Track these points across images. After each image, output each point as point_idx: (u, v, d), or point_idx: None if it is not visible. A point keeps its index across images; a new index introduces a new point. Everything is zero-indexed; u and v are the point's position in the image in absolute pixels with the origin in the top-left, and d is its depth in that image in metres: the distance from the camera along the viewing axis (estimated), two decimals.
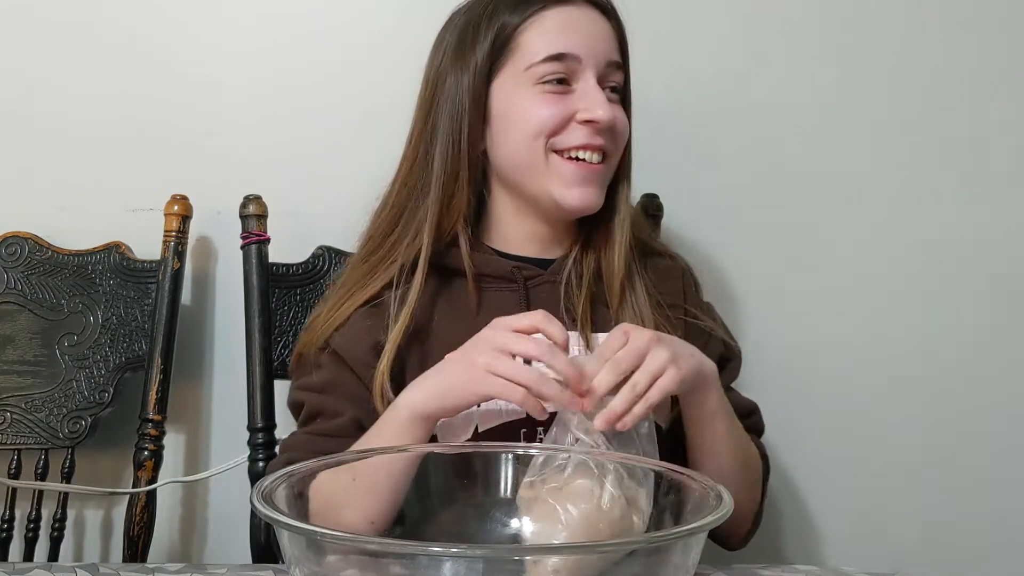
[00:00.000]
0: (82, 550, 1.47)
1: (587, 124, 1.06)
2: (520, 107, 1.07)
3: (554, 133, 1.06)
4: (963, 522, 1.51)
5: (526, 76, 1.07)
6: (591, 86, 1.06)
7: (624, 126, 1.11)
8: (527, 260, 1.12)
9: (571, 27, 1.07)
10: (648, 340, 0.89)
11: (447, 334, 1.04)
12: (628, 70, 1.13)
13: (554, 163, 1.07)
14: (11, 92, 1.46)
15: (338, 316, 1.08)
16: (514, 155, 1.08)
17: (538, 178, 1.08)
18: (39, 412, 1.36)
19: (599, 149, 1.07)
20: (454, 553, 0.58)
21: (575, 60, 1.06)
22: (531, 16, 1.07)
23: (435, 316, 1.08)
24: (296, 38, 1.47)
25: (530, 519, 0.80)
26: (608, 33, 1.10)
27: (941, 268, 1.51)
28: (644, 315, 1.08)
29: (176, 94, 1.46)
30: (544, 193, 1.08)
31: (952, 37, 1.51)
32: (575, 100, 1.06)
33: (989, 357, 1.52)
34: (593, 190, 1.08)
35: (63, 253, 1.40)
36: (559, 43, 1.06)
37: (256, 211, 1.38)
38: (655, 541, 0.62)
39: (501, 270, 1.10)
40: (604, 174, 1.10)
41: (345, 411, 1.05)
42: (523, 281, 1.09)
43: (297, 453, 1.02)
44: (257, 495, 0.66)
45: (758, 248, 1.50)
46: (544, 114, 1.06)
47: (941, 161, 1.51)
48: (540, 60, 1.06)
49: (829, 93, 1.50)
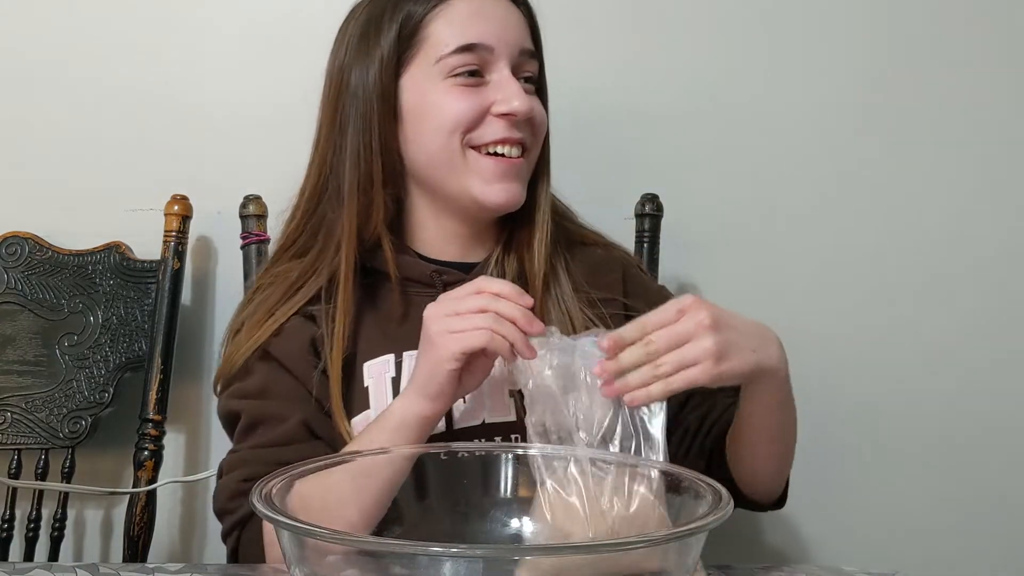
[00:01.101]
0: (82, 550, 1.47)
1: (504, 117, 1.01)
2: (433, 102, 1.01)
3: (470, 128, 1.01)
4: (963, 522, 1.51)
5: (436, 69, 1.01)
6: (506, 77, 1.01)
7: (542, 117, 1.06)
8: (449, 264, 1.07)
9: (481, 15, 1.02)
10: (697, 325, 0.83)
11: (374, 340, 1.02)
12: (542, 59, 1.09)
13: (472, 159, 1.02)
14: (11, 92, 1.46)
15: (271, 325, 1.02)
16: (429, 153, 1.03)
17: (456, 176, 1.03)
18: (39, 412, 1.36)
19: (518, 143, 1.02)
20: (454, 553, 0.58)
21: (487, 50, 1.01)
22: (438, 5, 1.02)
23: (363, 323, 1.03)
24: (296, 38, 1.47)
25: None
26: (519, 21, 1.05)
27: (946, 268, 1.51)
28: (572, 314, 1.04)
29: (176, 94, 1.46)
30: (463, 192, 1.03)
31: (952, 37, 1.51)
32: (490, 92, 1.01)
33: (990, 357, 1.52)
34: (515, 185, 1.03)
35: (63, 253, 1.40)
36: (469, 33, 1.01)
37: (256, 211, 1.38)
38: (654, 541, 0.62)
39: (422, 275, 1.05)
40: (524, 168, 1.05)
41: (289, 415, 0.99)
42: (442, 287, 1.02)
43: (253, 468, 0.96)
44: (257, 495, 0.66)
45: (758, 248, 1.50)
46: (459, 108, 1.00)
47: (942, 160, 1.51)
48: (450, 51, 1.00)
49: (829, 93, 1.50)
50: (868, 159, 1.51)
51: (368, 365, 1.01)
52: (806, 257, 1.51)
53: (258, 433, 1.00)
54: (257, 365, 1.02)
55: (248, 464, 0.98)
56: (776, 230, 1.51)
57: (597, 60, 1.46)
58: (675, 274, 1.46)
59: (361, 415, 1.00)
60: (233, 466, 0.99)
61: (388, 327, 1.02)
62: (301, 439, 0.98)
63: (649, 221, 1.42)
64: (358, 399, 1.00)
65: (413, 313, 1.01)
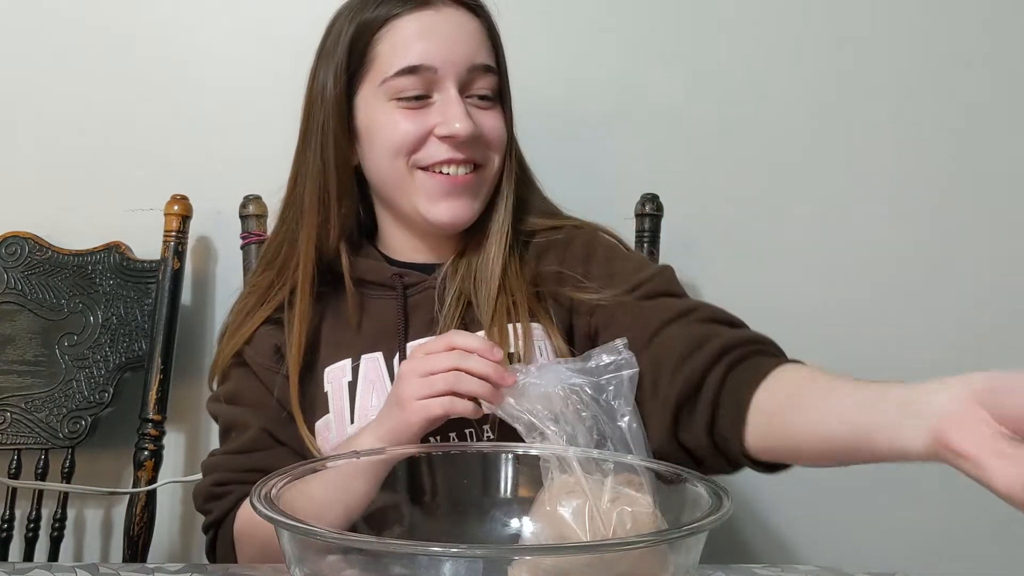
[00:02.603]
0: (82, 550, 1.47)
1: (447, 139, 1.01)
2: (379, 124, 1.03)
3: (414, 150, 1.02)
4: (963, 522, 1.51)
5: (382, 91, 1.02)
6: (450, 97, 1.01)
7: (497, 132, 1.05)
8: (414, 266, 1.09)
9: (426, 35, 1.01)
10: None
11: (332, 345, 1.05)
12: (503, 68, 1.07)
13: (419, 179, 1.03)
14: (11, 92, 1.46)
15: (245, 332, 1.07)
16: (380, 172, 1.05)
17: (406, 195, 1.04)
18: (39, 412, 1.36)
19: (464, 162, 1.03)
20: (454, 553, 0.58)
21: (431, 71, 1.00)
22: (384, 25, 1.02)
23: (322, 327, 1.06)
24: (296, 38, 1.46)
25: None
26: (473, 33, 1.04)
27: (948, 268, 1.51)
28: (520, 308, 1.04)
29: (176, 94, 1.46)
30: (413, 210, 1.04)
31: (954, 38, 1.51)
32: (433, 114, 1.01)
33: (993, 357, 1.52)
34: (461, 202, 1.03)
35: (63, 253, 1.40)
36: (412, 54, 1.00)
37: (256, 211, 1.38)
38: (654, 541, 0.62)
39: (382, 277, 1.07)
40: (476, 184, 1.05)
41: (253, 423, 1.03)
42: (402, 289, 1.05)
43: (221, 474, 1.02)
44: (257, 495, 0.66)
45: (758, 248, 1.50)
46: (400, 131, 1.01)
47: (943, 160, 1.51)
48: (393, 74, 1.01)
49: (829, 93, 1.50)
50: (869, 159, 1.51)
51: (328, 370, 1.04)
52: (806, 257, 1.51)
53: (231, 439, 1.05)
54: (233, 371, 1.07)
55: (219, 469, 1.03)
56: (776, 230, 1.51)
57: (597, 60, 1.46)
58: None
59: (321, 420, 1.03)
60: (208, 469, 1.05)
61: (346, 334, 1.05)
62: (264, 446, 1.02)
63: (649, 221, 1.42)
64: (320, 404, 1.03)
65: (368, 317, 1.05)
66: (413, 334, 1.03)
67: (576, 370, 0.85)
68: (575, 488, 0.78)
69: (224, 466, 1.03)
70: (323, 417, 1.03)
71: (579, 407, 0.82)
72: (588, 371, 0.84)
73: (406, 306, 1.05)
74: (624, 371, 0.84)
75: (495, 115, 1.06)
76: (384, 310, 1.05)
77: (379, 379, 1.02)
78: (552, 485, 0.79)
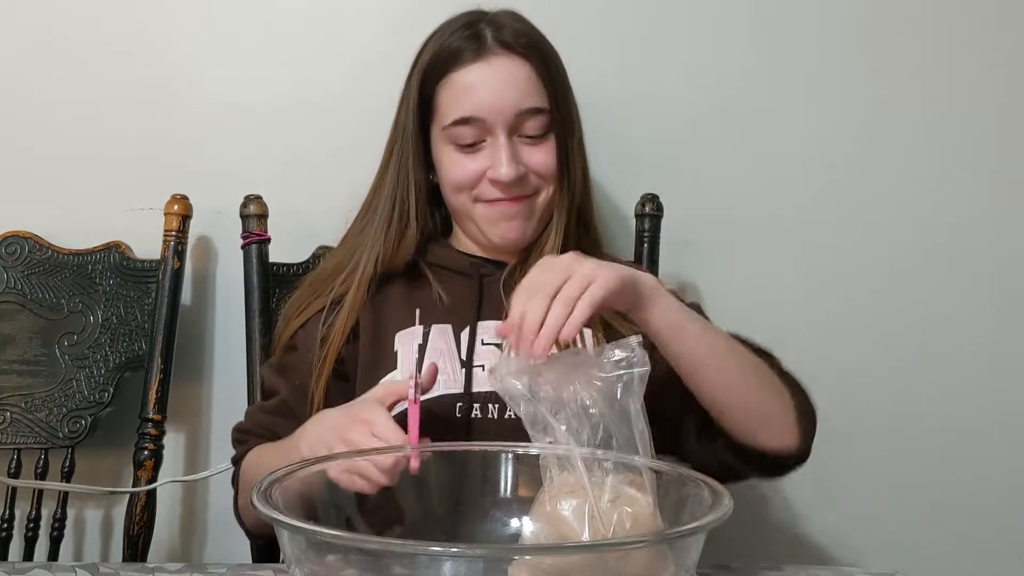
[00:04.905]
0: (82, 550, 1.47)
1: (495, 183, 1.13)
2: (443, 163, 1.17)
3: (472, 188, 1.15)
4: (963, 522, 1.51)
5: (444, 135, 1.15)
6: (499, 144, 1.12)
7: (544, 165, 1.15)
8: (487, 261, 1.20)
9: (477, 88, 1.12)
10: (569, 258, 0.91)
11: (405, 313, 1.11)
12: (559, 101, 1.15)
13: (479, 209, 1.16)
14: (11, 92, 1.46)
15: (303, 315, 1.18)
16: (448, 199, 1.19)
17: (469, 221, 1.19)
18: (39, 412, 1.36)
19: (516, 198, 1.15)
20: (454, 553, 0.58)
21: (481, 122, 1.12)
22: (443, 78, 1.14)
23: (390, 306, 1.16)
24: (296, 38, 1.47)
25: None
26: (521, 80, 1.13)
27: (947, 269, 1.51)
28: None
29: (176, 93, 1.46)
30: (478, 233, 1.19)
31: (953, 39, 1.51)
32: (485, 157, 1.14)
33: (993, 357, 1.52)
34: (516, 224, 1.16)
35: (63, 253, 1.40)
36: (464, 106, 1.12)
37: (256, 211, 1.38)
38: (654, 541, 0.62)
39: (460, 265, 1.19)
40: (531, 207, 1.16)
41: (281, 392, 1.15)
42: (479, 276, 1.17)
43: (248, 423, 1.17)
44: (257, 494, 0.66)
45: (758, 248, 1.50)
46: (458, 173, 1.15)
47: (943, 162, 1.51)
48: (450, 123, 1.13)
49: (830, 93, 1.50)
50: (868, 160, 1.51)
51: (400, 334, 1.14)
52: (806, 257, 1.51)
53: (265, 399, 1.20)
54: (288, 344, 1.20)
55: (248, 418, 1.19)
56: (776, 230, 1.51)
57: (597, 60, 1.45)
58: (675, 274, 1.46)
59: (387, 377, 1.11)
60: (244, 417, 1.20)
61: (422, 305, 1.11)
62: (282, 415, 1.13)
63: (649, 221, 1.42)
64: (388, 362, 1.13)
65: (444, 293, 1.16)
66: (484, 315, 1.14)
67: (588, 364, 0.84)
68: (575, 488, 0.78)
69: (251, 417, 1.18)
70: (389, 374, 1.12)
71: (587, 403, 0.82)
72: (599, 365, 0.84)
73: (481, 286, 1.16)
74: (635, 368, 0.84)
75: (544, 150, 1.15)
76: (460, 291, 1.16)
77: (447, 347, 1.12)
78: (552, 484, 0.79)
